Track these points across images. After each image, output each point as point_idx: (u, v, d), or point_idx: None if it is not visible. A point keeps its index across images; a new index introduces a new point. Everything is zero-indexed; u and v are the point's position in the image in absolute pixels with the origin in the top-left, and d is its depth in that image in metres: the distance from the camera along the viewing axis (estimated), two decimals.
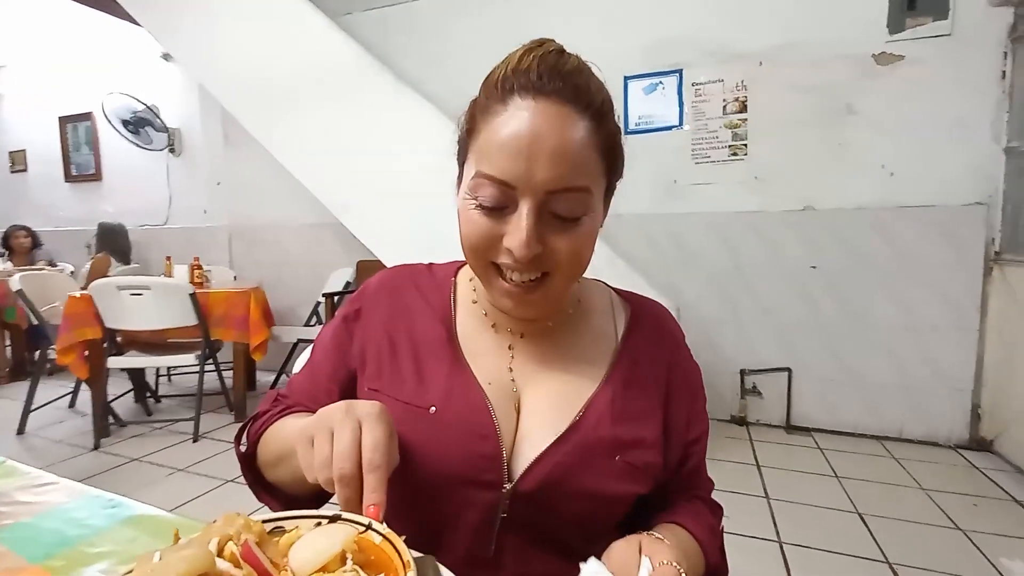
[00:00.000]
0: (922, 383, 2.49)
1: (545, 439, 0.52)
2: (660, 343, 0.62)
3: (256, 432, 0.58)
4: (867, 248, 2.52)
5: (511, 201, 0.46)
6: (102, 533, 0.48)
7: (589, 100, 0.47)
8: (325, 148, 2.81)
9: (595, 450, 0.53)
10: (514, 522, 0.52)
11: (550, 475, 0.51)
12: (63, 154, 4.68)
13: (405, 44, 3.27)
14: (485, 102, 0.48)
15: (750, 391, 2.77)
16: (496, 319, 0.59)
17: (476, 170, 0.48)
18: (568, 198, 0.46)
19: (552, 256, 0.48)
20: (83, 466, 2.26)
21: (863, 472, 2.21)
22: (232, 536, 0.32)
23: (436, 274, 0.64)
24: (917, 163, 2.42)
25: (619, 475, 0.53)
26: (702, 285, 2.81)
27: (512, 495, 0.51)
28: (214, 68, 3.02)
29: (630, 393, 0.56)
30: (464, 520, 0.52)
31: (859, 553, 1.65)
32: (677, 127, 2.81)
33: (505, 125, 0.45)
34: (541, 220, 0.46)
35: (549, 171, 0.45)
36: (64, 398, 3.03)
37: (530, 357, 0.58)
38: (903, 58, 2.39)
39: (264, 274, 3.85)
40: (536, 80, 0.46)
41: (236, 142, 3.84)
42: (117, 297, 2.46)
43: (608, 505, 0.54)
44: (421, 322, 0.59)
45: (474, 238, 0.49)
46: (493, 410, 0.53)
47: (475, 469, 0.51)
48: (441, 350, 0.56)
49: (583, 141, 0.46)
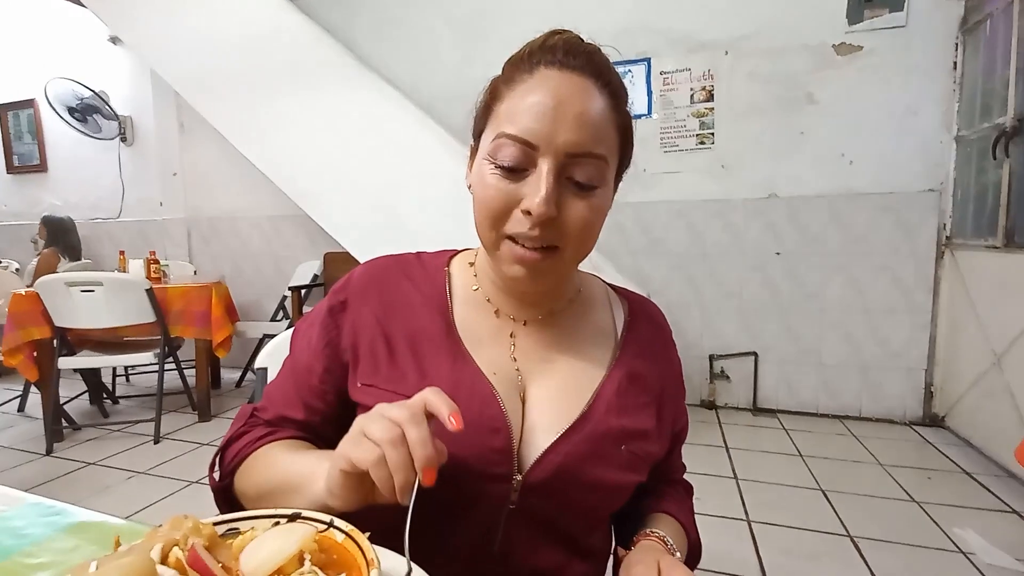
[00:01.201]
0: (877, 364, 2.59)
1: (554, 430, 0.53)
2: (656, 339, 0.64)
3: (231, 460, 0.54)
4: (825, 234, 2.60)
5: (531, 163, 0.47)
6: (41, 543, 0.44)
7: (609, 78, 0.50)
8: (285, 135, 2.71)
9: (603, 441, 0.53)
10: (521, 513, 0.52)
11: (561, 466, 0.52)
12: (3, 144, 4.40)
13: (368, 27, 3.18)
14: (511, 74, 0.50)
15: (719, 375, 2.83)
16: (499, 304, 0.58)
17: (499, 131, 0.48)
18: (587, 164, 0.48)
19: (564, 226, 0.48)
20: (34, 472, 2.15)
21: (825, 450, 2.29)
22: (178, 541, 0.30)
23: (427, 264, 0.62)
24: (873, 151, 2.50)
25: (624, 465, 0.54)
26: (669, 271, 2.85)
27: (522, 487, 0.51)
28: (165, 52, 2.87)
29: (632, 386, 0.58)
30: (472, 512, 0.52)
31: (823, 528, 1.71)
32: (646, 116, 2.83)
33: (532, 91, 0.47)
34: (559, 183, 0.47)
35: (572, 134, 0.46)
36: (12, 402, 2.87)
37: (533, 345, 0.58)
38: (861, 48, 2.45)
39: (225, 268, 3.72)
40: (563, 56, 0.48)
41: (192, 130, 3.69)
42: (66, 294, 2.33)
43: (611, 494, 0.56)
44: (417, 314, 0.56)
45: (491, 202, 0.48)
46: (502, 402, 0.52)
47: (486, 462, 0.51)
48: (441, 342, 0.55)
49: (603, 113, 0.48)
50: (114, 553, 0.29)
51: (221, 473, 0.54)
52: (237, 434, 0.56)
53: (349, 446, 0.39)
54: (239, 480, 0.53)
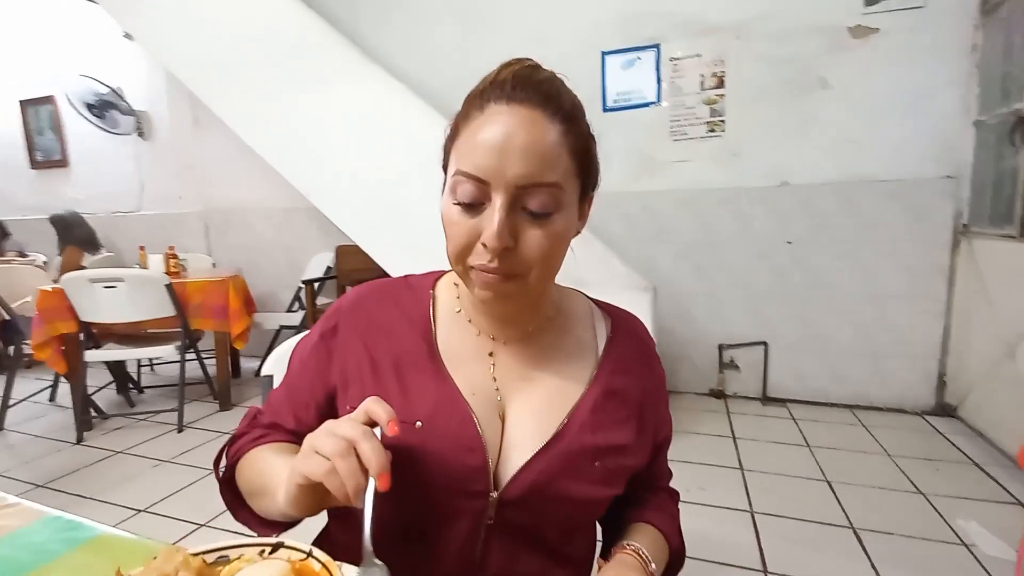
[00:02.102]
0: (888, 352, 2.56)
1: (530, 448, 0.55)
2: (637, 355, 0.65)
3: (232, 457, 0.60)
4: (837, 222, 2.56)
5: (486, 197, 0.49)
6: (58, 559, 0.49)
7: (559, 104, 0.51)
8: (292, 128, 2.74)
9: (577, 457, 0.56)
10: (499, 527, 0.55)
11: (535, 483, 0.54)
12: (27, 140, 4.52)
13: (374, 20, 3.18)
14: (466, 111, 0.52)
15: (728, 365, 2.83)
16: (480, 324, 0.61)
17: (455, 169, 0.51)
18: (539, 193, 0.49)
19: (524, 254, 0.50)
20: (65, 461, 2.26)
21: (833, 440, 2.29)
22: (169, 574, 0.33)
23: (414, 287, 0.65)
24: (887, 137, 2.44)
25: (599, 480, 0.57)
26: (677, 261, 2.84)
27: (498, 503, 0.54)
28: (174, 47, 2.91)
29: (610, 402, 0.59)
30: (451, 527, 0.55)
31: (826, 520, 1.72)
32: (655, 103, 2.79)
33: (481, 128, 0.49)
34: (513, 214, 0.49)
35: (520, 167, 0.48)
36: (44, 392, 3.01)
37: (513, 364, 0.60)
38: (877, 31, 2.38)
39: (242, 259, 3.80)
40: (511, 90, 0.50)
41: (206, 124, 3.74)
42: (90, 290, 2.42)
43: (587, 507, 0.58)
44: (401, 337, 0.60)
45: (456, 238, 0.51)
46: (478, 422, 0.55)
47: (462, 480, 0.53)
48: (423, 364, 0.58)
49: (553, 140, 0.49)
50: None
51: (225, 467, 0.60)
52: (239, 433, 0.62)
53: (301, 462, 0.43)
54: (238, 475, 0.58)
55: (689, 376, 2.91)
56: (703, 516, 1.74)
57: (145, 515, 1.84)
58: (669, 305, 2.84)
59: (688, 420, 2.57)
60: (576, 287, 0.70)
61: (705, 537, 1.62)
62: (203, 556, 0.37)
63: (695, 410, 2.70)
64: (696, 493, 1.89)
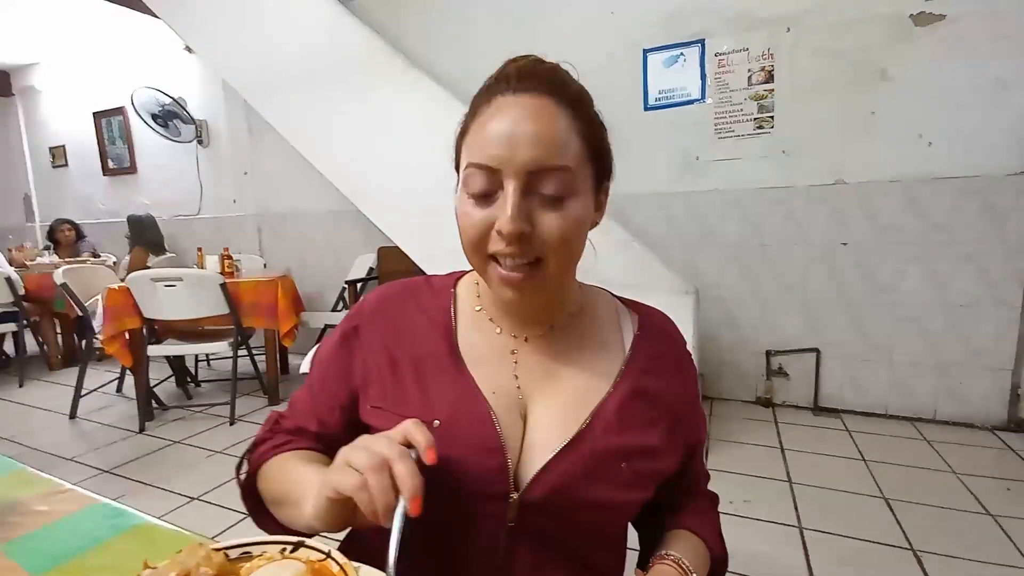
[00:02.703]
0: (957, 362, 2.39)
1: (552, 449, 0.53)
2: (667, 353, 0.63)
3: (256, 463, 0.59)
4: (900, 222, 2.40)
5: (499, 186, 0.49)
6: (102, 545, 0.51)
7: (564, 90, 0.51)
8: (338, 135, 2.83)
9: (602, 459, 0.54)
10: (522, 531, 0.53)
11: (557, 485, 0.52)
12: (100, 149, 4.87)
13: (417, 26, 3.23)
14: (474, 108, 0.53)
15: (776, 372, 2.71)
16: (501, 323, 0.60)
17: (467, 163, 0.51)
18: (551, 177, 0.49)
19: (541, 238, 0.49)
20: (128, 449, 2.41)
21: (892, 455, 2.15)
22: (191, 569, 0.34)
23: (435, 287, 0.64)
24: (956, 131, 2.27)
25: (626, 483, 0.54)
26: (723, 263, 2.74)
27: (519, 505, 0.52)
28: (232, 60, 3.06)
29: (638, 402, 0.57)
30: (473, 530, 0.54)
31: (882, 539, 1.62)
32: (699, 101, 2.71)
33: (489, 119, 0.50)
34: (527, 199, 0.49)
35: (529, 152, 0.48)
36: (112, 383, 3.22)
37: (536, 362, 0.58)
38: (943, 17, 2.22)
39: (291, 261, 3.95)
40: (516, 82, 0.50)
41: (259, 131, 3.91)
42: (152, 288, 2.58)
43: (616, 513, 0.56)
44: (422, 337, 0.59)
45: (470, 230, 0.51)
46: (498, 421, 0.54)
47: (481, 482, 0.52)
48: (443, 363, 0.57)
49: (561, 125, 0.49)
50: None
51: (247, 473, 0.59)
52: (261, 438, 0.61)
53: (334, 475, 0.42)
54: (260, 482, 0.58)
55: (733, 383, 2.81)
56: (748, 530, 1.67)
57: (198, 503, 1.93)
58: (713, 309, 2.75)
59: (732, 428, 2.47)
60: (614, 290, 0.68)
61: (750, 553, 1.55)
62: (226, 552, 0.38)
63: (740, 418, 2.60)
64: (740, 506, 1.81)
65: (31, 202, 5.50)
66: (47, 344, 3.84)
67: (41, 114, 5.24)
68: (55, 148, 5.18)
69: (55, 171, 5.25)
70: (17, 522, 0.54)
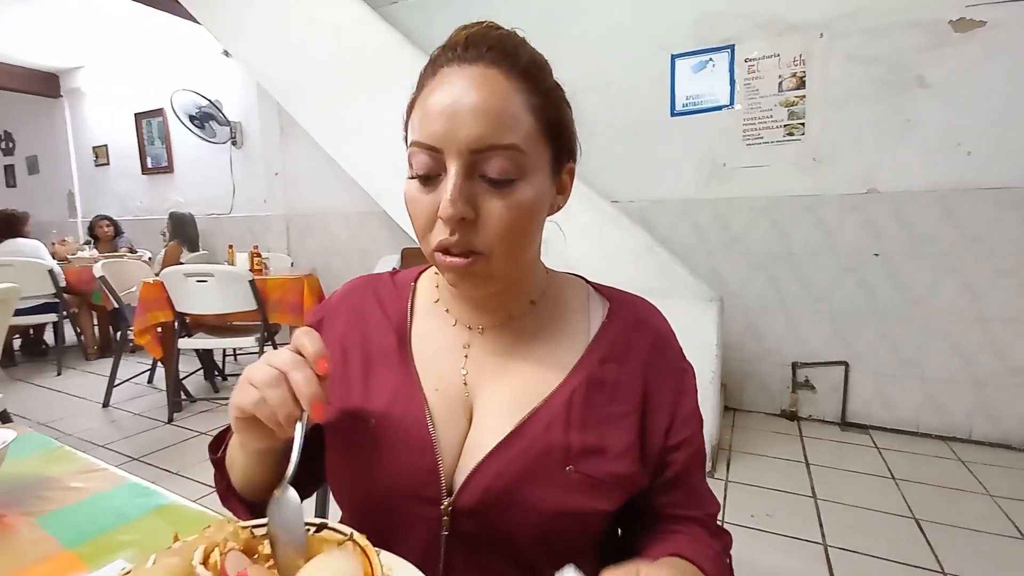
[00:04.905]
0: (995, 380, 2.29)
1: (488, 448, 0.49)
2: (637, 342, 0.55)
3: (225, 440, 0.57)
4: (935, 233, 2.33)
5: (441, 167, 0.45)
6: (132, 522, 0.53)
7: (514, 60, 0.46)
8: (366, 137, 2.88)
9: (542, 458, 0.48)
10: (460, 539, 0.48)
11: (490, 487, 0.47)
12: (139, 148, 5.05)
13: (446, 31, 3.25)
14: (421, 80, 0.49)
15: (802, 385, 2.64)
16: (457, 313, 0.56)
17: (410, 141, 0.47)
18: (496, 157, 0.44)
19: (484, 227, 0.45)
20: (156, 438, 2.49)
21: (923, 474, 2.08)
22: (218, 544, 0.35)
23: (397, 281, 0.62)
24: (998, 140, 2.19)
25: (574, 487, 0.48)
26: (749, 272, 2.69)
27: (452, 511, 0.48)
28: (267, 63, 3.14)
29: (596, 396, 0.51)
30: (411, 536, 0.49)
31: (911, 561, 1.56)
32: (728, 107, 2.67)
33: (432, 93, 0.46)
34: (470, 182, 0.45)
35: (471, 129, 0.43)
36: (143, 374, 3.33)
37: (488, 356, 0.54)
38: (984, 24, 2.15)
39: (317, 260, 4.03)
40: (462, 51, 0.46)
41: (291, 133, 4.01)
42: (185, 283, 2.66)
43: (569, 522, 0.48)
44: (375, 331, 0.57)
45: (415, 216, 0.48)
46: (432, 420, 0.50)
47: (415, 484, 0.49)
48: (391, 357, 0.54)
49: (508, 99, 0.45)
50: (167, 550, 0.35)
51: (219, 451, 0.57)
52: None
53: (235, 395, 0.42)
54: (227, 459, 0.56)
55: (756, 394, 2.75)
56: (769, 544, 1.63)
57: None
58: (738, 318, 2.70)
59: (755, 441, 2.42)
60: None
61: (772, 568, 1.51)
62: (252, 529, 0.39)
63: (763, 430, 2.54)
64: (762, 520, 1.77)
65: (74, 199, 5.73)
66: (84, 335, 3.99)
67: (85, 115, 5.46)
68: (98, 147, 5.39)
69: (97, 169, 5.47)
70: (52, 496, 0.57)
